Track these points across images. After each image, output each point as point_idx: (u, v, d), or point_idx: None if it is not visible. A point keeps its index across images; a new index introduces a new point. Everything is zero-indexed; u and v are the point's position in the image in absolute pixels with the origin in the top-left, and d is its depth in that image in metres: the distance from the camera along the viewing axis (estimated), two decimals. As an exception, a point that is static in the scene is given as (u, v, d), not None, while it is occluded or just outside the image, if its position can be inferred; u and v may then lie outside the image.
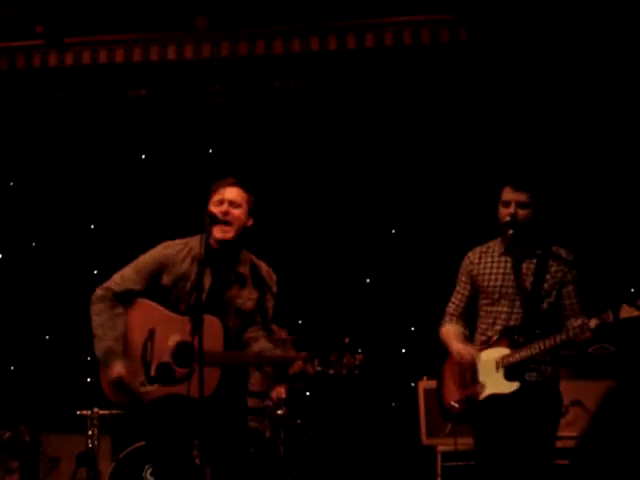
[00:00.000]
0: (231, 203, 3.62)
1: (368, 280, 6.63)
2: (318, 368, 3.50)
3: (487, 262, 3.98)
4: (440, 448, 5.60)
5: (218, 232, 3.56)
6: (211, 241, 3.59)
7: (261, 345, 3.65)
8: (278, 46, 6.08)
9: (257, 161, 6.53)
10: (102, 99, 6.57)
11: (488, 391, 3.88)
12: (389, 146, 6.51)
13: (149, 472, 4.75)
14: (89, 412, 5.39)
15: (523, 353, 3.79)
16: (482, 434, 3.92)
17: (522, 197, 3.80)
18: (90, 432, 5.35)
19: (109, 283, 3.69)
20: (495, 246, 4.01)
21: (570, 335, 3.70)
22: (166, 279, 3.64)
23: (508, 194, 3.83)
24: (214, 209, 3.60)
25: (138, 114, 6.61)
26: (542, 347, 3.74)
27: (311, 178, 6.60)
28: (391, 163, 6.53)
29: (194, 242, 3.68)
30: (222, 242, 3.59)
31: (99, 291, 3.69)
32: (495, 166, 6.01)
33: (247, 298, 3.67)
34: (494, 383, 3.86)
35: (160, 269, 3.65)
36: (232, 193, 3.64)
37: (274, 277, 3.80)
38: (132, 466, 4.77)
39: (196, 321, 3.33)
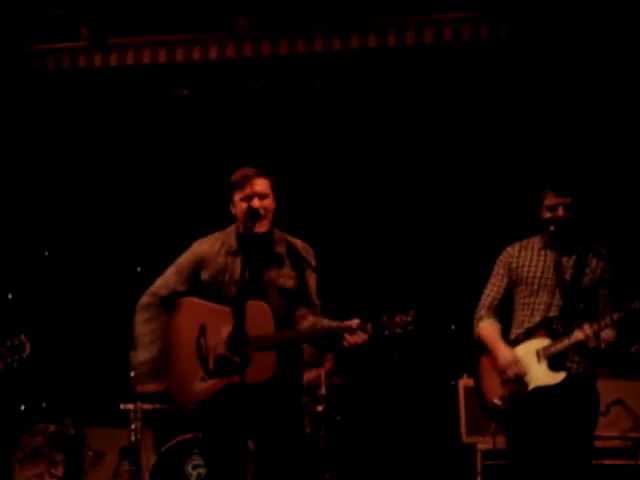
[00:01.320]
0: (260, 196, 3.64)
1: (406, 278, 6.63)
2: (371, 332, 3.47)
3: (527, 255, 4.02)
4: (480, 446, 5.58)
5: (258, 227, 3.60)
6: (241, 231, 3.63)
7: (310, 321, 3.66)
8: (318, 45, 6.10)
9: (298, 159, 6.57)
10: (146, 99, 6.66)
11: (533, 384, 3.83)
12: (430, 143, 6.50)
13: (191, 465, 4.82)
14: (132, 406, 5.48)
15: (566, 342, 3.77)
16: (520, 431, 3.86)
17: (566, 201, 3.88)
18: (133, 426, 5.42)
19: (154, 288, 3.76)
20: (535, 242, 4.05)
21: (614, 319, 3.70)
22: (205, 275, 3.69)
23: (552, 199, 3.90)
24: (246, 204, 3.61)
25: (181, 113, 6.69)
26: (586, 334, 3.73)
27: (352, 176, 6.60)
28: (432, 160, 6.52)
29: (225, 235, 3.74)
30: (259, 234, 3.62)
31: (146, 298, 3.75)
32: (534, 160, 5.98)
33: (288, 277, 3.67)
34: (539, 375, 3.82)
35: (198, 266, 3.70)
36: (260, 186, 3.66)
37: (311, 251, 3.79)
38: (174, 459, 4.84)
39: (238, 311, 3.37)
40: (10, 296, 6.89)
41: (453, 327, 6.47)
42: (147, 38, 6.35)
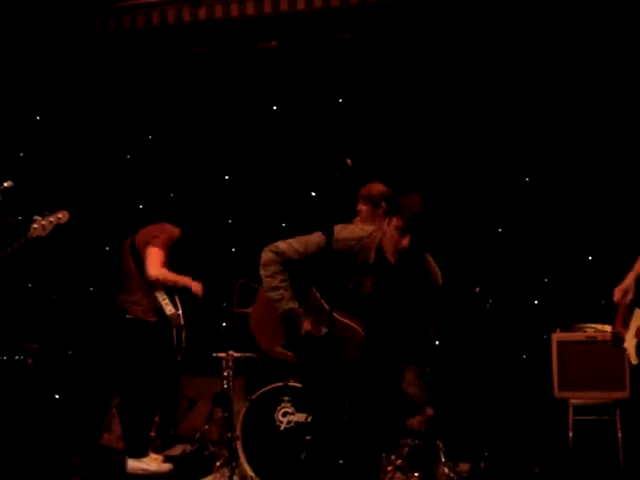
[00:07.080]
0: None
1: (500, 230, 6.49)
2: None
3: None
4: (572, 401, 5.49)
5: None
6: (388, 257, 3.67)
7: None
8: (408, -9, 5.98)
9: (388, 110, 6.48)
10: (234, 52, 6.67)
11: None
12: (520, 91, 6.29)
13: (281, 413, 4.88)
14: (225, 355, 5.57)
15: None
16: None
17: None
18: (225, 374, 5.53)
19: (281, 247, 3.71)
20: None
21: None
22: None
23: None
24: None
25: (269, 65, 6.67)
26: None
27: (445, 127, 6.46)
28: (523, 109, 6.31)
29: (369, 240, 3.72)
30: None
31: (270, 254, 3.72)
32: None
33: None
34: None
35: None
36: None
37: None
38: (265, 406, 4.90)
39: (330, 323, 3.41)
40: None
41: (546, 280, 6.32)
42: (235, -10, 6.35)
